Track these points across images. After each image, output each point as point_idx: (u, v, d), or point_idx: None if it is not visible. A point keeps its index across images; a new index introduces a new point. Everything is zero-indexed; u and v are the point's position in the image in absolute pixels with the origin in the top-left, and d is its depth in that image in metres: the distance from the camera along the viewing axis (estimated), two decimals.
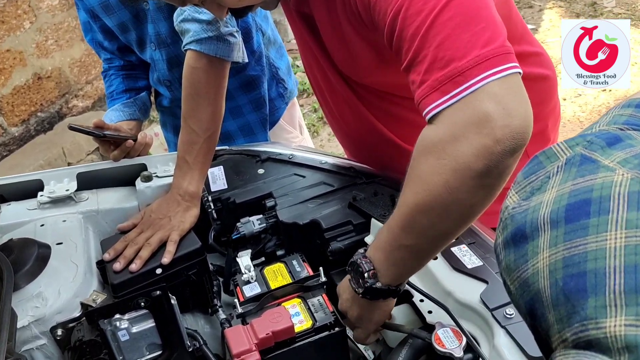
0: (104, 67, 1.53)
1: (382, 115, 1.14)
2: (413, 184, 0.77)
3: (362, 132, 1.20)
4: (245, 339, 0.91)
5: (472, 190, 0.73)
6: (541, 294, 0.39)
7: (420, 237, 0.80)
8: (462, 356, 0.82)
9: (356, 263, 0.87)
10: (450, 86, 0.73)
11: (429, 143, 0.76)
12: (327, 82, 1.15)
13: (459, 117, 0.72)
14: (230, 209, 1.21)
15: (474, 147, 0.70)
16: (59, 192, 1.24)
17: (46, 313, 1.02)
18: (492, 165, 0.70)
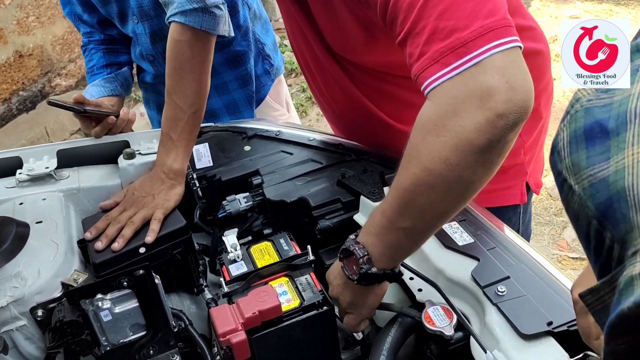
0: (84, 41, 1.48)
1: (371, 93, 1.12)
2: (411, 164, 0.75)
3: (350, 110, 1.17)
4: (231, 318, 0.89)
5: (473, 167, 0.71)
6: (627, 192, 0.34)
7: (417, 219, 0.77)
8: (452, 334, 0.81)
9: (348, 250, 0.85)
10: (452, 58, 0.70)
11: (427, 121, 0.73)
12: (315, 60, 1.13)
13: (460, 91, 0.70)
14: (216, 186, 1.18)
15: (476, 122, 0.68)
16: (38, 170, 1.20)
17: (25, 293, 0.98)
18: (494, 140, 0.69)
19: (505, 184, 1.27)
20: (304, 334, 0.94)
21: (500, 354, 0.74)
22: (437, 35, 0.71)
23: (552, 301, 0.80)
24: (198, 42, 1.11)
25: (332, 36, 1.03)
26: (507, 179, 1.26)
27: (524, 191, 1.30)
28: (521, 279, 0.83)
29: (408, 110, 1.07)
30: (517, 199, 1.29)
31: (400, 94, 1.11)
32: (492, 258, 0.87)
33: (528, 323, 0.76)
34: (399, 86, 1.10)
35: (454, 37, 0.70)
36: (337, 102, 1.19)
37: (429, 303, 0.84)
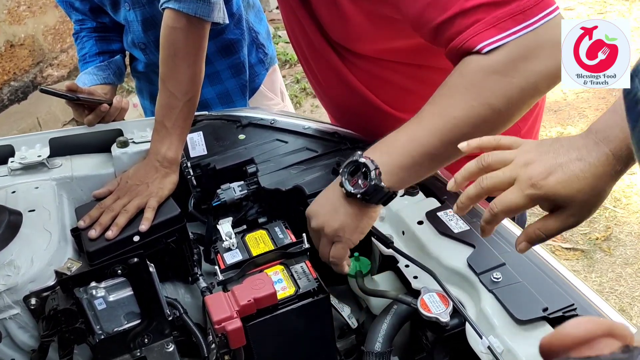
0: (76, 28, 1.46)
1: (368, 80, 1.12)
2: (468, 97, 0.80)
3: (347, 97, 1.17)
4: (226, 305, 0.88)
5: (525, 109, 0.80)
6: None
7: (452, 148, 0.78)
8: (448, 321, 0.81)
9: (358, 162, 0.85)
10: (511, 23, 0.77)
11: (495, 62, 0.78)
12: (312, 49, 1.13)
13: (531, 41, 0.77)
14: (210, 175, 1.17)
15: (546, 69, 0.76)
16: (30, 158, 1.19)
17: (19, 282, 0.98)
18: (550, 89, 0.78)
19: None
20: (299, 322, 0.94)
21: (495, 339, 0.74)
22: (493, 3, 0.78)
23: (547, 287, 0.80)
24: (192, 29, 1.10)
25: (332, 26, 1.03)
26: None
27: None
28: (517, 266, 0.83)
29: (404, 97, 1.07)
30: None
31: (398, 80, 1.11)
32: (488, 245, 0.87)
33: (523, 309, 0.76)
34: (397, 72, 1.10)
35: (514, 5, 0.77)
36: (334, 90, 1.19)
37: (424, 290, 0.84)
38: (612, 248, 2.24)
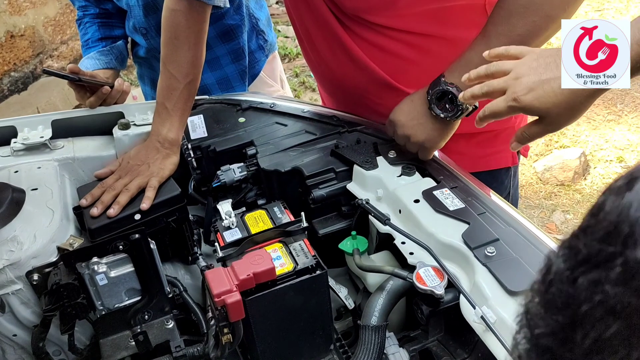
0: (79, 14, 1.48)
1: (373, 52, 1.15)
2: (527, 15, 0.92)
3: (350, 71, 1.20)
4: (225, 279, 0.90)
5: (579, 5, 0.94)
6: None
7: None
8: (442, 293, 0.83)
9: (445, 91, 0.99)
10: None
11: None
12: (316, 25, 1.15)
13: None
14: (211, 157, 1.19)
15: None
16: (33, 139, 1.20)
17: (21, 257, 0.99)
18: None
19: (498, 147, 1.31)
20: (297, 298, 0.96)
21: (488, 310, 0.76)
22: None
23: (539, 261, 0.82)
24: (193, 12, 1.11)
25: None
26: (499, 143, 1.30)
27: (515, 153, 1.35)
28: (510, 242, 0.85)
29: (407, 68, 1.12)
30: (509, 161, 1.34)
31: (403, 52, 1.14)
32: (482, 222, 0.89)
33: (515, 281, 0.79)
34: (403, 43, 1.13)
35: None
36: (337, 65, 1.21)
37: (420, 264, 0.86)
38: None
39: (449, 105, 1.01)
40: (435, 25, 1.10)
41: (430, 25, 1.11)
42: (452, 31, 1.10)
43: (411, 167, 1.04)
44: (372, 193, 1.04)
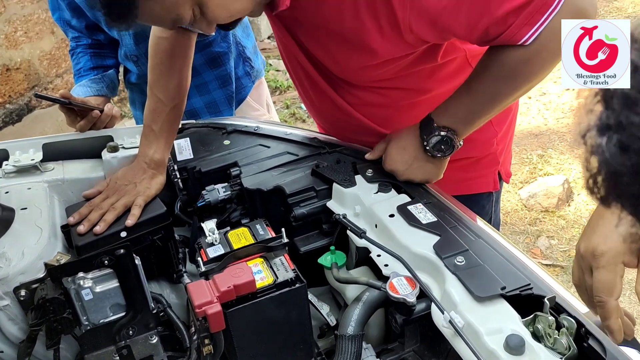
0: (72, 45, 1.54)
1: (357, 103, 1.22)
2: (511, 82, 1.01)
3: (338, 116, 1.27)
4: (207, 291, 0.93)
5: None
6: None
7: (506, 106, 1.09)
8: (414, 301, 0.86)
9: (447, 136, 1.08)
10: (539, 16, 0.91)
11: (529, 52, 0.95)
12: (308, 80, 1.22)
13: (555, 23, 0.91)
14: (196, 177, 1.23)
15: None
16: (24, 162, 1.24)
17: (9, 273, 1.02)
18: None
19: (479, 172, 1.35)
20: (277, 311, 0.98)
21: (456, 315, 0.79)
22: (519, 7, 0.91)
23: (506, 269, 0.86)
24: (179, 39, 1.17)
25: (328, 64, 1.13)
26: (481, 168, 1.35)
27: (497, 179, 1.39)
28: (479, 252, 0.89)
29: (385, 115, 1.19)
30: (490, 186, 1.38)
31: (380, 101, 1.20)
32: (453, 234, 0.93)
33: (483, 288, 0.82)
34: (382, 96, 1.19)
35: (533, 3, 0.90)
36: (327, 112, 1.29)
37: (393, 274, 0.90)
38: None
39: (444, 147, 1.10)
40: (422, 81, 1.17)
41: (404, 83, 1.17)
42: (438, 84, 1.17)
43: (387, 184, 1.08)
44: (351, 209, 1.08)
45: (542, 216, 2.57)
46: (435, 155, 1.10)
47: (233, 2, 0.93)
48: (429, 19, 0.95)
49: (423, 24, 0.96)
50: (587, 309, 0.83)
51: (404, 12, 0.93)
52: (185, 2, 0.89)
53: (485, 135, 1.31)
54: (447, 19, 0.96)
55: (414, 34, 0.98)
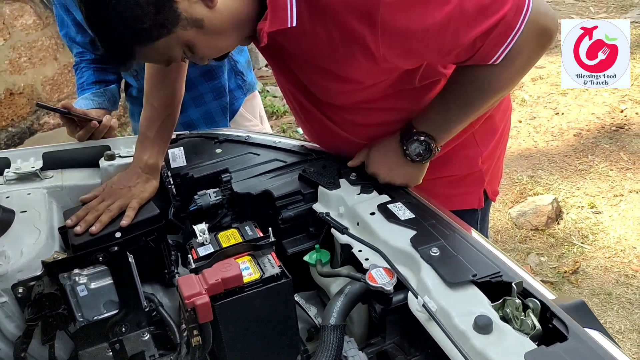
0: (76, 60, 1.62)
1: (342, 123, 1.27)
2: (484, 96, 1.10)
3: (326, 134, 1.33)
4: (196, 284, 0.97)
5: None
6: None
7: (478, 115, 1.17)
8: (391, 289, 0.90)
9: (425, 141, 1.16)
10: (505, 38, 1.00)
11: (498, 69, 1.04)
12: (300, 105, 1.29)
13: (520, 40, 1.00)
14: (189, 183, 1.29)
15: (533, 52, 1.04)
16: (24, 169, 1.30)
17: (8, 270, 1.07)
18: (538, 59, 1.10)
19: (464, 189, 1.40)
20: (263, 305, 1.03)
21: (430, 299, 0.84)
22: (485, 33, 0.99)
23: (478, 259, 0.91)
24: None
25: (313, 89, 1.20)
26: (466, 185, 1.39)
27: (482, 197, 1.42)
28: (453, 244, 0.94)
29: (367, 132, 1.24)
30: (475, 203, 1.42)
31: (364, 121, 1.26)
32: (429, 229, 0.98)
33: (455, 275, 0.87)
34: (364, 115, 1.25)
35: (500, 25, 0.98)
36: (317, 130, 1.35)
37: (372, 266, 0.95)
38: (579, 280, 2.34)
39: (422, 151, 1.17)
40: (404, 103, 1.22)
41: (399, 104, 1.23)
42: (421, 106, 1.21)
43: (369, 186, 1.14)
44: (335, 210, 1.13)
45: (531, 234, 2.61)
46: (415, 160, 1.16)
47: (219, 42, 1.01)
48: (400, 49, 1.01)
49: (395, 54, 1.02)
50: (554, 295, 0.88)
51: (376, 44, 0.98)
52: (176, 45, 0.98)
53: (470, 153, 1.35)
54: (419, 49, 1.02)
55: (389, 62, 1.04)
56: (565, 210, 2.74)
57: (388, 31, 0.96)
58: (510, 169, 3.07)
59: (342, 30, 0.97)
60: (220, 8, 0.95)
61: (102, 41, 0.97)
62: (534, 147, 3.29)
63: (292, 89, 1.25)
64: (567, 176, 2.98)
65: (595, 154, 3.14)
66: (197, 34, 0.96)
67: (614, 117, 3.46)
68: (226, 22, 0.97)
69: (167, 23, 0.93)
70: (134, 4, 0.89)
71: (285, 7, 0.95)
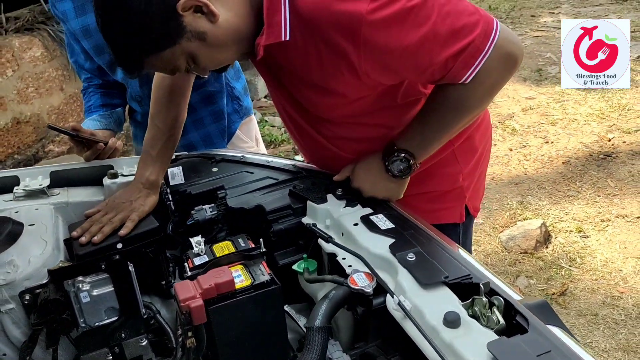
0: (84, 85, 1.73)
1: (333, 138, 1.37)
2: (457, 114, 1.19)
3: (318, 149, 1.42)
4: (191, 288, 1.05)
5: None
6: None
7: (454, 133, 1.26)
8: (371, 292, 0.98)
9: (405, 158, 1.25)
10: (473, 60, 1.09)
11: (468, 88, 1.13)
12: (295, 124, 1.39)
13: (488, 62, 1.10)
14: (187, 200, 1.37)
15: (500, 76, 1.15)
16: (33, 187, 1.39)
17: (16, 278, 1.14)
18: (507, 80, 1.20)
19: (446, 204, 1.49)
20: (254, 310, 1.10)
21: (405, 298, 0.91)
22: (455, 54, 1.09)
23: (451, 263, 0.99)
24: (180, 78, 1.35)
25: (304, 103, 1.30)
26: (448, 200, 1.48)
27: (463, 212, 1.51)
28: (429, 250, 1.02)
29: (352, 145, 1.34)
30: (457, 218, 1.50)
31: (352, 135, 1.36)
32: (407, 237, 1.06)
33: (428, 277, 0.95)
34: (352, 130, 1.35)
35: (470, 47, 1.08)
36: (310, 146, 1.45)
37: (354, 271, 1.02)
38: (567, 302, 2.40)
39: (402, 167, 1.25)
40: (389, 119, 1.32)
41: (384, 120, 1.33)
42: (404, 123, 1.31)
43: (354, 200, 1.23)
44: (322, 223, 1.21)
45: (521, 257, 2.68)
46: (396, 176, 1.25)
47: (219, 54, 1.12)
48: (381, 66, 1.12)
49: (377, 70, 1.13)
50: (520, 297, 0.96)
51: (358, 59, 1.09)
52: (180, 56, 1.08)
53: (451, 170, 1.44)
54: (397, 66, 1.13)
55: (371, 78, 1.15)
56: (554, 235, 2.81)
57: (369, 48, 1.06)
58: (500, 195, 3.16)
59: (329, 45, 1.08)
60: (222, 23, 1.05)
61: (114, 49, 1.08)
62: (524, 174, 3.38)
63: (284, 103, 1.34)
64: (556, 202, 3.07)
65: (584, 181, 3.23)
66: (200, 46, 1.06)
67: (601, 145, 3.57)
68: (227, 36, 1.07)
69: (174, 34, 1.03)
70: (145, 17, 1.00)
71: (280, 23, 1.06)
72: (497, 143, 3.75)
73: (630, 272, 2.54)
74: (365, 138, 1.35)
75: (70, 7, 1.58)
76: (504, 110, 4.21)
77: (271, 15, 1.06)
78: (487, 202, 3.12)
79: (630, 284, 2.47)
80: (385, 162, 1.25)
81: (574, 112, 4.05)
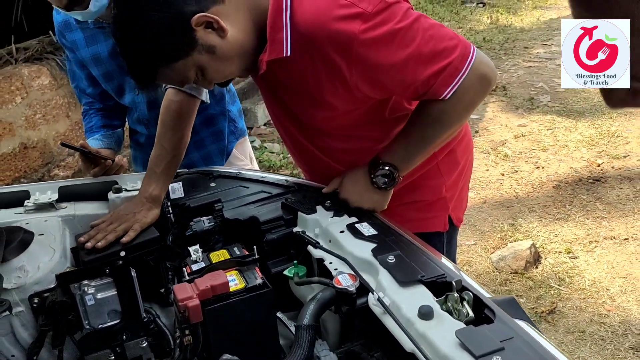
0: (85, 108, 1.85)
1: (326, 150, 1.47)
2: (438, 128, 1.30)
3: (313, 160, 1.52)
4: (188, 290, 1.14)
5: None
6: None
7: (435, 147, 1.37)
8: (354, 291, 1.06)
9: (389, 170, 1.34)
10: (452, 79, 1.21)
11: (448, 104, 1.24)
12: (292, 138, 1.50)
13: (465, 82, 1.21)
14: (186, 212, 1.46)
15: (476, 94, 1.27)
16: (42, 200, 1.48)
17: (26, 282, 1.23)
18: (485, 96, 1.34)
19: (430, 214, 1.58)
20: (247, 312, 1.18)
21: (384, 295, 1.00)
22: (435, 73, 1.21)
23: (428, 265, 1.07)
24: (186, 103, 1.47)
25: (299, 115, 1.40)
26: (432, 210, 1.58)
27: (447, 221, 1.60)
28: (407, 253, 1.11)
29: (343, 155, 1.44)
30: (441, 226, 1.60)
31: (344, 146, 1.46)
32: (389, 242, 1.15)
33: (406, 276, 1.03)
34: (344, 142, 1.45)
35: (449, 68, 1.20)
36: (305, 158, 1.55)
37: (338, 272, 1.11)
38: (555, 320, 2.47)
39: (387, 179, 1.35)
40: (378, 132, 1.43)
41: (374, 133, 1.43)
42: (390, 132, 1.41)
43: (341, 210, 1.32)
44: (311, 231, 1.30)
45: (511, 277, 2.76)
46: (381, 187, 1.35)
47: (225, 68, 1.22)
48: (370, 80, 1.23)
49: (366, 84, 1.24)
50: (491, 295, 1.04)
51: (350, 74, 1.20)
52: (191, 68, 1.19)
53: (434, 182, 1.54)
54: (385, 80, 1.24)
55: (361, 91, 1.26)
56: (544, 255, 2.89)
57: (361, 63, 1.18)
58: (492, 218, 3.24)
59: (325, 60, 1.19)
60: (230, 39, 1.16)
61: (130, 60, 1.18)
62: (515, 197, 3.47)
63: (281, 116, 1.44)
64: (546, 224, 3.15)
65: (573, 204, 3.32)
66: (210, 59, 1.16)
67: (591, 170, 3.67)
68: (233, 51, 1.18)
69: (187, 47, 1.14)
70: (162, 30, 1.11)
71: (282, 40, 1.17)
72: (489, 168, 3.85)
73: (617, 291, 2.61)
74: (355, 150, 1.44)
75: (81, 36, 1.71)
76: (496, 137, 4.33)
77: (274, 33, 1.17)
78: (479, 224, 3.20)
79: (617, 302, 2.54)
80: (371, 174, 1.35)
81: (564, 139, 4.17)
